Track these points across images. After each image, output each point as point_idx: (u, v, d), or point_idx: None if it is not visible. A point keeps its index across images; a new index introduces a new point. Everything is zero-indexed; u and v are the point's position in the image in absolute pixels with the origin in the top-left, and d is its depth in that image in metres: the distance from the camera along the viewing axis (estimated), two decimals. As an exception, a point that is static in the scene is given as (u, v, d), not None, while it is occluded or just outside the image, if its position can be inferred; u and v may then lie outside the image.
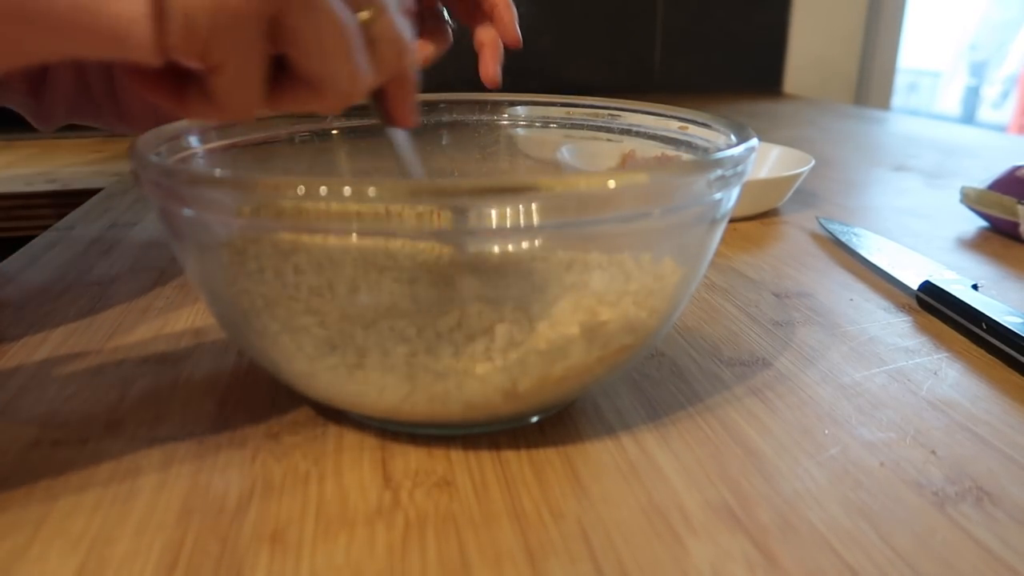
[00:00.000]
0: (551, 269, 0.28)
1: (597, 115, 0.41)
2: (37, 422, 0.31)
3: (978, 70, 2.99)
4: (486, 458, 0.29)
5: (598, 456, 0.29)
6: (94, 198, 0.68)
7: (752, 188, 0.59)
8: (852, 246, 0.51)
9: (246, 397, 0.33)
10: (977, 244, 0.55)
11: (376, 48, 0.25)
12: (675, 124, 0.37)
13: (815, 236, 0.57)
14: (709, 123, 0.35)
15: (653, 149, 0.39)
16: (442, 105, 0.42)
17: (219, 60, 0.22)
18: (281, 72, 0.24)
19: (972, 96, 2.99)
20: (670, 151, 0.38)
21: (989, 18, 3.00)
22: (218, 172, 0.34)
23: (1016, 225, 0.55)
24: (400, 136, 0.31)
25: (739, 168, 0.28)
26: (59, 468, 0.28)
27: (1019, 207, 0.54)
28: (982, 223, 0.60)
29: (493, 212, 0.24)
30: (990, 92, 2.97)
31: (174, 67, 0.23)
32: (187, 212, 0.25)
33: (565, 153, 0.45)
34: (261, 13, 0.21)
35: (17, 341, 0.38)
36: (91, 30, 0.21)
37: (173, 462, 0.28)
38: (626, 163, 0.41)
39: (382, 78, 0.26)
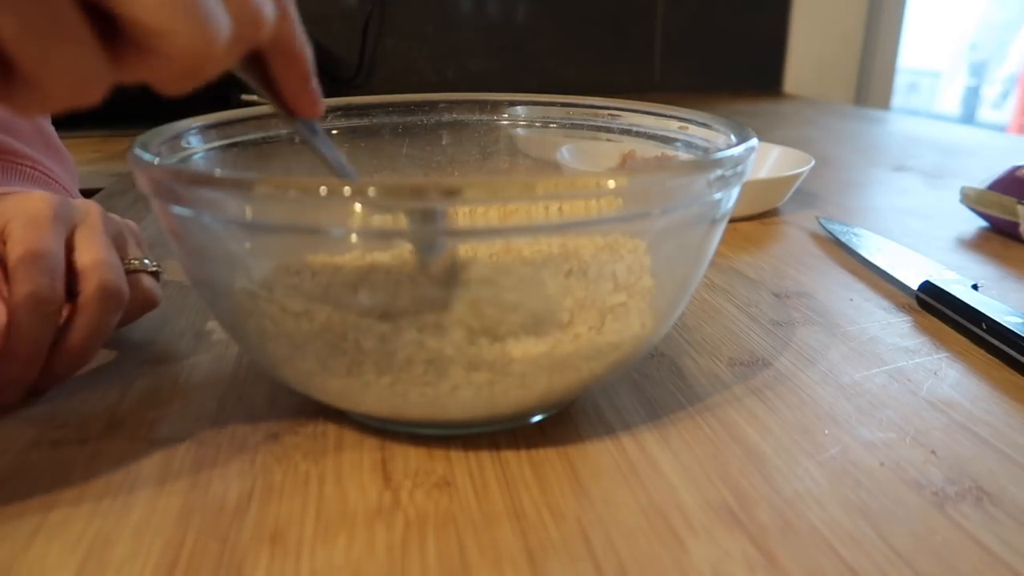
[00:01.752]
0: (549, 273, 0.28)
1: (597, 115, 0.41)
2: (37, 422, 0.31)
3: (978, 70, 2.98)
4: (486, 458, 0.29)
5: (598, 456, 0.29)
6: (94, 198, 0.68)
7: (752, 188, 0.59)
8: (852, 246, 0.51)
9: (246, 397, 0.33)
10: (977, 244, 0.55)
11: None
12: (675, 124, 0.37)
13: (815, 236, 0.57)
14: (709, 123, 0.35)
15: (653, 149, 0.39)
16: (442, 105, 0.42)
17: (10, 24, 0.17)
18: (115, 36, 0.19)
19: (972, 96, 2.99)
20: (670, 151, 0.38)
21: (989, 18, 3.00)
22: (218, 172, 0.34)
23: (1016, 225, 0.55)
24: (309, 130, 0.27)
25: (739, 168, 0.28)
26: (59, 468, 0.28)
27: (1019, 207, 0.54)
28: (982, 223, 0.60)
29: (493, 212, 0.24)
30: (990, 92, 2.97)
31: None
32: (187, 212, 0.25)
33: (565, 153, 0.45)
34: None
35: (17, 341, 0.38)
36: None
37: (173, 462, 0.28)
38: (626, 163, 0.41)
39: (247, 35, 0.21)
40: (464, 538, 0.24)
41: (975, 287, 0.41)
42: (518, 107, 0.43)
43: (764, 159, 0.69)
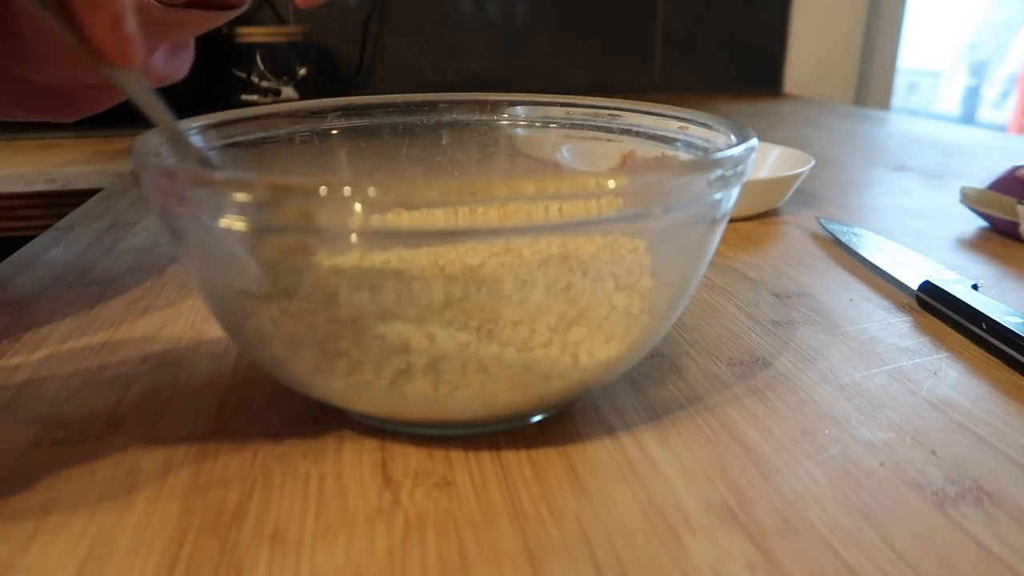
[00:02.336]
0: (548, 274, 0.28)
1: (597, 115, 0.41)
2: (37, 422, 0.31)
3: (978, 70, 2.98)
4: (486, 458, 0.29)
5: (598, 456, 0.29)
6: (94, 198, 0.68)
7: (752, 188, 0.59)
8: (852, 246, 0.51)
9: (246, 397, 0.33)
10: (977, 244, 0.55)
11: None
12: (675, 124, 0.37)
13: (815, 236, 0.57)
14: (709, 123, 0.35)
15: (653, 149, 0.39)
16: (442, 105, 0.42)
17: None
18: None
19: (972, 96, 2.99)
20: (670, 151, 0.38)
21: (989, 18, 3.00)
22: (218, 172, 0.34)
23: (1016, 225, 0.55)
24: (124, 78, 0.25)
25: (739, 168, 0.28)
26: (59, 468, 0.28)
27: (1019, 207, 0.54)
28: (982, 223, 0.60)
29: (492, 211, 0.24)
30: (990, 92, 2.97)
31: None
32: (187, 212, 0.25)
33: (565, 153, 0.45)
34: None
35: (17, 341, 0.38)
36: None
37: (173, 462, 0.28)
38: (626, 163, 0.41)
39: None
40: (464, 538, 0.24)
41: (975, 287, 0.41)
42: (518, 107, 0.43)
43: (764, 159, 0.69)
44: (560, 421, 0.31)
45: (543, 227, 0.25)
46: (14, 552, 0.24)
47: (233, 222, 0.25)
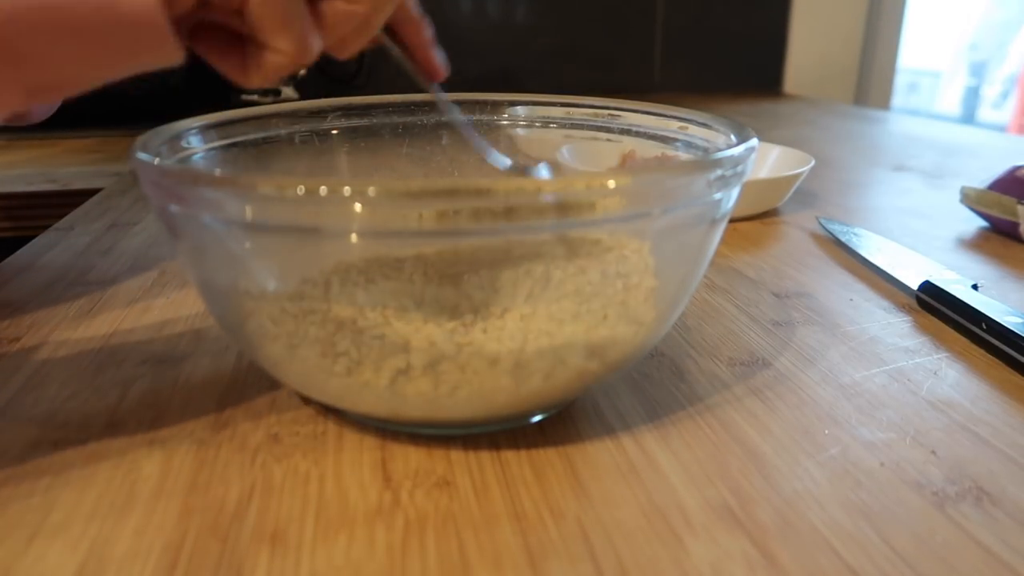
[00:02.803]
0: (552, 273, 0.28)
1: (597, 115, 0.41)
2: (37, 422, 0.31)
3: (978, 70, 2.98)
4: (486, 458, 0.29)
5: (598, 456, 0.29)
6: (94, 198, 0.68)
7: (752, 188, 0.59)
8: (852, 246, 0.51)
9: (246, 397, 0.33)
10: (977, 244, 0.55)
11: None
12: (675, 124, 0.37)
13: (815, 236, 0.57)
14: (709, 123, 0.35)
15: (653, 149, 0.39)
16: (442, 105, 0.42)
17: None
18: None
19: (972, 96, 2.99)
20: (670, 151, 0.38)
21: (989, 18, 3.00)
22: (218, 172, 0.34)
23: (1016, 225, 0.55)
24: (443, 98, 0.34)
25: (739, 168, 0.28)
26: (59, 468, 0.28)
27: (1019, 207, 0.54)
28: (982, 223, 0.60)
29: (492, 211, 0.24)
30: (990, 92, 2.97)
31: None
32: (187, 212, 0.25)
33: (565, 153, 0.44)
34: None
35: (17, 341, 0.38)
36: (111, 24, 0.23)
37: (173, 462, 0.28)
38: (626, 163, 0.41)
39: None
40: (464, 538, 0.24)
41: (975, 287, 0.41)
42: (518, 107, 0.43)
43: (764, 159, 0.69)
44: (560, 421, 0.31)
45: (543, 227, 0.25)
46: (14, 552, 0.24)
47: (233, 222, 0.25)
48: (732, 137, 0.32)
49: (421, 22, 0.32)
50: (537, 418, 0.31)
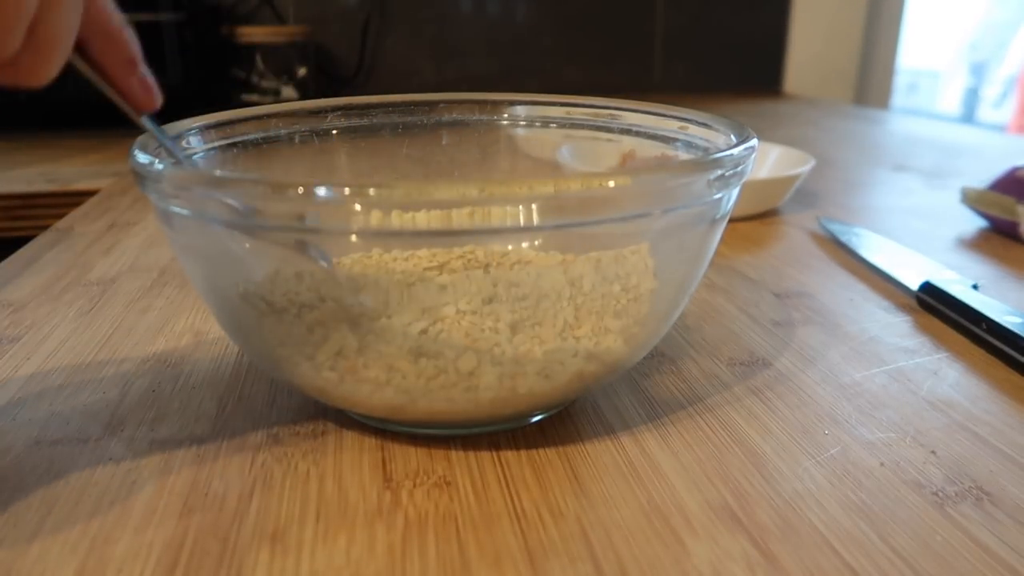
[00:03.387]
0: (552, 274, 0.28)
1: (597, 115, 0.41)
2: (37, 422, 0.31)
3: (978, 70, 2.98)
4: (486, 458, 0.29)
5: (598, 456, 0.29)
6: (94, 198, 0.68)
7: (752, 188, 0.59)
8: (852, 246, 0.51)
9: (246, 397, 0.33)
10: (977, 244, 0.55)
11: None
12: (675, 124, 0.37)
13: (815, 236, 0.57)
14: (709, 123, 0.35)
15: (653, 149, 0.39)
16: (442, 105, 0.42)
17: None
18: None
19: (972, 96, 2.99)
20: (670, 151, 0.38)
21: (989, 18, 3.00)
22: (218, 172, 0.34)
23: (1016, 225, 0.55)
24: (156, 128, 0.28)
25: (739, 168, 0.28)
26: (59, 468, 0.28)
27: (1019, 207, 0.54)
28: (982, 223, 0.60)
29: (492, 212, 0.24)
30: (990, 92, 2.96)
31: None
32: (187, 212, 0.25)
33: (565, 153, 0.44)
34: None
35: (17, 341, 0.38)
36: None
37: (173, 462, 0.28)
38: (626, 163, 0.41)
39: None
40: (464, 538, 0.24)
41: (975, 287, 0.41)
42: (518, 107, 0.43)
43: (764, 159, 0.69)
44: (560, 421, 0.31)
45: (544, 227, 0.25)
46: (14, 552, 0.24)
47: (232, 222, 0.25)
48: (732, 137, 0.32)
49: (121, 36, 0.25)
50: (537, 418, 0.31)
